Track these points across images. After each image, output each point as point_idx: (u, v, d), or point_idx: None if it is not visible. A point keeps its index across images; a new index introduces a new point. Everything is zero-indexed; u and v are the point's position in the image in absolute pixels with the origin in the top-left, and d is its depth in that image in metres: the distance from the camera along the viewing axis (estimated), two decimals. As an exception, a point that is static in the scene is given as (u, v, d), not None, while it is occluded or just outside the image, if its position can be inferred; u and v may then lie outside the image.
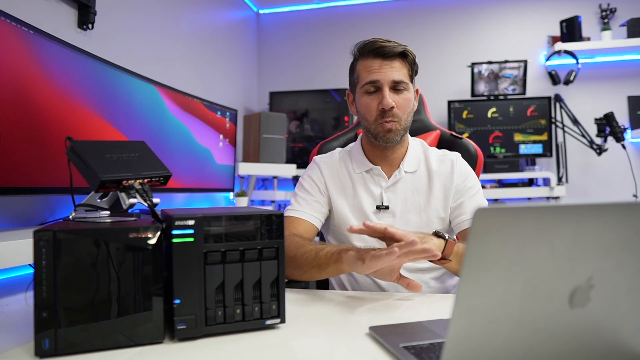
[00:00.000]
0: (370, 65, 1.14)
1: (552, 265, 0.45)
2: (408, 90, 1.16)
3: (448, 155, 1.24)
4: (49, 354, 0.63)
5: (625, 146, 2.82)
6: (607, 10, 3.01)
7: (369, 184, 1.22)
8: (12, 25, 1.17)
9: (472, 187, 1.20)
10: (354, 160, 1.25)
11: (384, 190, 1.20)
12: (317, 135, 3.25)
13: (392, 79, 1.13)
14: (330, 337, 0.73)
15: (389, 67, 1.13)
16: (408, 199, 1.20)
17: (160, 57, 2.24)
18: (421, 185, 1.21)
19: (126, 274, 0.67)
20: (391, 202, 1.20)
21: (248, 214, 0.74)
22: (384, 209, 1.19)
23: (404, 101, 1.15)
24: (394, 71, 1.13)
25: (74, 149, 0.79)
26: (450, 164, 1.21)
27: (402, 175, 1.20)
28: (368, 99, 1.16)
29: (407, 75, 1.16)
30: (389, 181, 1.21)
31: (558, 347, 0.49)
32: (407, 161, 1.22)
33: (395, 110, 1.13)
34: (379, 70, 1.13)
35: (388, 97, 1.12)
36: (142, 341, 0.67)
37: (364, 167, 1.23)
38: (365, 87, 1.15)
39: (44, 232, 0.63)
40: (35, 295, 0.63)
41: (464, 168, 1.22)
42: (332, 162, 1.27)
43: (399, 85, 1.14)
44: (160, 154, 0.92)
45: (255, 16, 3.58)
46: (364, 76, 1.16)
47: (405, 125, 1.17)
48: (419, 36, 3.29)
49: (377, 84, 1.13)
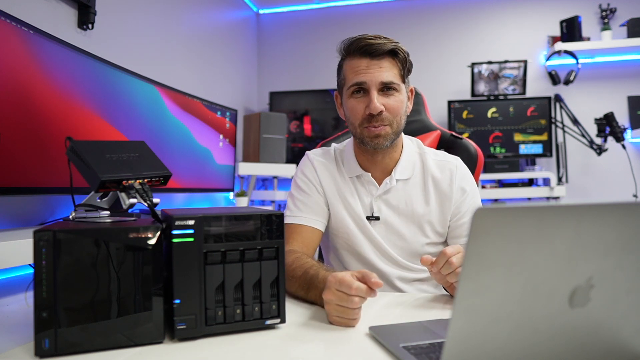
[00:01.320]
0: (357, 66, 1.05)
1: (552, 265, 0.45)
2: (399, 92, 1.07)
3: (447, 164, 1.15)
4: (49, 354, 0.63)
5: (625, 146, 2.82)
6: (607, 10, 3.01)
7: (360, 191, 1.15)
8: (12, 25, 1.17)
9: (471, 204, 1.13)
10: (346, 163, 1.17)
11: (374, 199, 1.13)
12: (317, 135, 3.25)
13: (380, 81, 1.04)
14: (330, 337, 0.73)
15: (377, 67, 1.04)
16: (401, 209, 1.12)
17: (160, 57, 2.24)
18: (415, 195, 1.13)
19: (126, 274, 0.67)
20: (382, 212, 1.12)
21: (248, 214, 0.74)
22: (374, 219, 1.12)
23: (394, 103, 1.06)
24: (382, 72, 1.04)
25: (74, 149, 0.79)
26: (450, 175, 1.13)
27: (393, 184, 1.12)
28: (354, 101, 1.07)
29: (397, 75, 1.06)
30: (379, 189, 1.13)
31: (558, 347, 0.49)
32: (400, 167, 1.13)
33: (385, 113, 1.05)
34: (366, 71, 1.04)
35: (376, 100, 1.03)
36: (142, 341, 0.67)
37: (354, 172, 1.15)
38: (351, 88, 1.07)
39: (44, 232, 0.63)
40: (35, 295, 0.63)
41: (463, 182, 1.14)
42: (327, 162, 1.19)
43: (388, 87, 1.05)
44: (160, 154, 0.92)
45: (255, 16, 3.57)
46: (350, 77, 1.07)
47: (397, 129, 1.08)
48: (419, 36, 3.29)
49: (363, 85, 1.05)
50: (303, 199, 1.15)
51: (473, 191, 1.15)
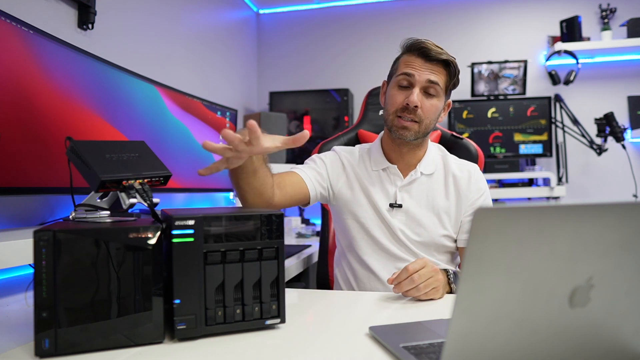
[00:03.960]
0: (411, 61, 1.14)
1: (552, 265, 0.45)
2: (438, 98, 1.15)
3: (467, 166, 1.24)
4: (49, 354, 0.63)
5: (625, 146, 2.82)
6: (607, 10, 3.01)
7: (385, 182, 1.22)
8: (12, 25, 1.17)
9: (484, 204, 1.20)
10: (372, 157, 1.25)
11: (398, 189, 1.20)
12: (317, 135, 3.25)
13: (427, 78, 1.12)
14: (330, 337, 0.73)
15: (428, 69, 1.13)
16: (422, 199, 1.20)
17: (160, 57, 2.24)
18: (437, 189, 1.21)
19: (126, 274, 0.67)
20: (404, 201, 1.19)
21: (248, 214, 0.74)
22: (397, 207, 1.19)
23: (430, 106, 1.14)
24: (431, 74, 1.12)
25: (74, 149, 0.79)
26: (468, 175, 1.22)
27: (417, 176, 1.21)
28: (397, 91, 1.15)
29: (443, 82, 1.14)
30: (404, 180, 1.21)
31: (558, 347, 0.49)
32: (424, 163, 1.22)
33: (419, 111, 1.12)
34: (418, 68, 1.13)
35: (416, 95, 1.11)
36: (142, 341, 0.67)
37: (381, 165, 1.23)
38: (399, 77, 1.15)
39: (44, 232, 0.63)
40: (35, 295, 0.63)
41: (480, 184, 1.22)
42: (352, 158, 1.27)
43: (431, 88, 1.13)
44: (160, 154, 0.92)
45: (255, 16, 3.57)
46: (402, 67, 1.15)
47: (424, 130, 1.15)
48: (418, 36, 3.27)
49: (410, 79, 1.13)
50: (310, 165, 1.24)
51: (487, 193, 1.24)
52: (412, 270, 0.91)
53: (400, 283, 0.92)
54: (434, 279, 0.93)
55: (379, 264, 1.18)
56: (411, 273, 0.91)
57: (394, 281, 0.93)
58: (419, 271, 0.91)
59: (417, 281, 0.90)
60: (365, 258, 1.20)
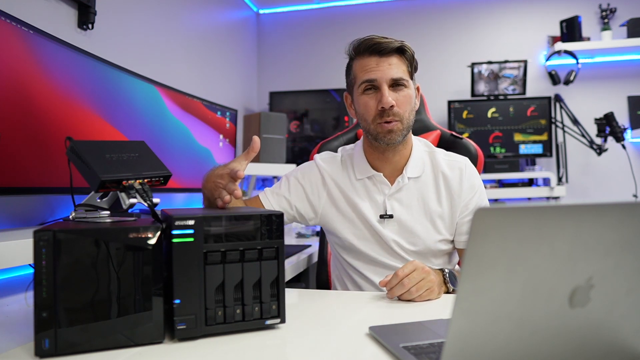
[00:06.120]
0: (367, 64, 1.10)
1: (552, 265, 0.45)
2: (408, 87, 1.11)
3: (457, 163, 1.18)
4: (49, 354, 0.63)
5: (625, 146, 2.82)
6: (607, 10, 3.01)
7: (372, 191, 1.17)
8: (12, 25, 1.17)
9: (479, 202, 1.16)
10: (356, 165, 1.20)
11: (387, 197, 1.15)
12: (317, 135, 3.25)
13: (390, 77, 1.08)
14: (330, 337, 0.73)
15: (386, 64, 1.08)
16: (413, 206, 1.15)
17: (160, 57, 2.24)
18: (428, 193, 1.16)
19: (126, 274, 0.67)
20: (395, 211, 1.15)
21: (248, 214, 0.74)
22: (387, 217, 1.14)
23: (404, 98, 1.09)
24: (392, 68, 1.08)
25: (74, 149, 0.79)
26: (459, 173, 1.16)
27: (405, 182, 1.15)
28: (366, 98, 1.10)
29: (406, 71, 1.11)
30: (392, 188, 1.16)
31: (558, 347, 0.49)
32: (410, 166, 1.16)
33: (396, 108, 1.08)
34: (377, 69, 1.08)
35: (387, 95, 1.07)
36: (142, 341, 0.67)
37: (365, 173, 1.18)
38: (362, 86, 1.10)
39: (44, 232, 0.63)
40: (35, 295, 0.63)
41: (473, 180, 1.17)
42: (334, 168, 1.22)
43: (398, 83, 1.09)
44: (160, 154, 0.92)
45: (255, 16, 3.57)
46: (360, 75, 1.11)
47: (407, 124, 1.11)
48: (418, 36, 3.28)
49: (374, 82, 1.08)
50: (278, 192, 1.23)
51: (481, 189, 1.18)
52: (402, 275, 0.91)
53: (392, 289, 0.92)
54: (425, 280, 0.92)
55: (377, 275, 1.16)
56: (401, 278, 0.90)
57: (387, 286, 0.93)
58: (409, 275, 0.91)
59: (408, 285, 0.90)
60: (362, 270, 1.18)
